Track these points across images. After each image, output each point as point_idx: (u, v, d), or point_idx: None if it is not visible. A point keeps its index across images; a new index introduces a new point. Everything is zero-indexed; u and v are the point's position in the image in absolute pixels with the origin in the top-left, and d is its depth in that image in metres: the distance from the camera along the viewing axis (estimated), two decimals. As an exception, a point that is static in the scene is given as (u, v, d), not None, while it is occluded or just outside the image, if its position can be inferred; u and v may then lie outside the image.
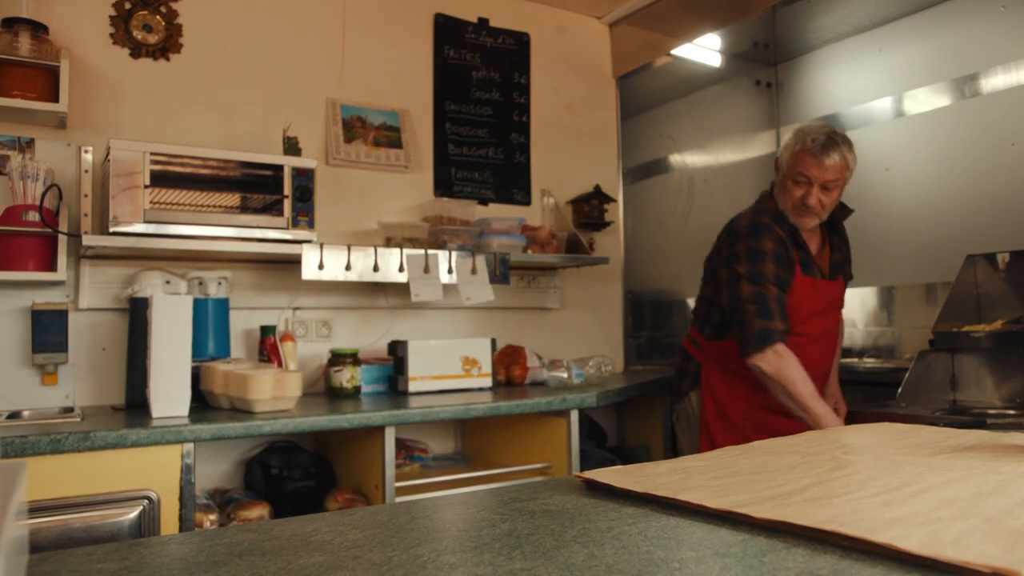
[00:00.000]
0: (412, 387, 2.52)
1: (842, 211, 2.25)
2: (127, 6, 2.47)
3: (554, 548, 0.75)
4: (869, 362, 3.11)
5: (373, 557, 0.74)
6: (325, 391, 2.58)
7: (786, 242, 2.10)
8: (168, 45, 2.53)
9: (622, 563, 0.69)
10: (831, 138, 2.05)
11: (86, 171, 2.33)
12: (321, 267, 2.42)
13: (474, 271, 2.67)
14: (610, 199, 3.35)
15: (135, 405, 2.16)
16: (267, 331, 2.48)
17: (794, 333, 2.06)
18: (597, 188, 3.32)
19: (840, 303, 2.29)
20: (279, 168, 2.36)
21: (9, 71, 2.18)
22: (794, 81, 3.73)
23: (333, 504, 2.19)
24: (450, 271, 2.63)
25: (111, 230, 2.11)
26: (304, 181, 2.39)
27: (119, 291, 2.35)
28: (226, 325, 2.40)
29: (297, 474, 2.31)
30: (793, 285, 2.07)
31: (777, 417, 2.14)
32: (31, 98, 2.18)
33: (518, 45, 3.30)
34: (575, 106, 3.45)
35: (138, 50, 2.48)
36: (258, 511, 2.09)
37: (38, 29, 2.24)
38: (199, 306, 2.21)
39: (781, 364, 1.97)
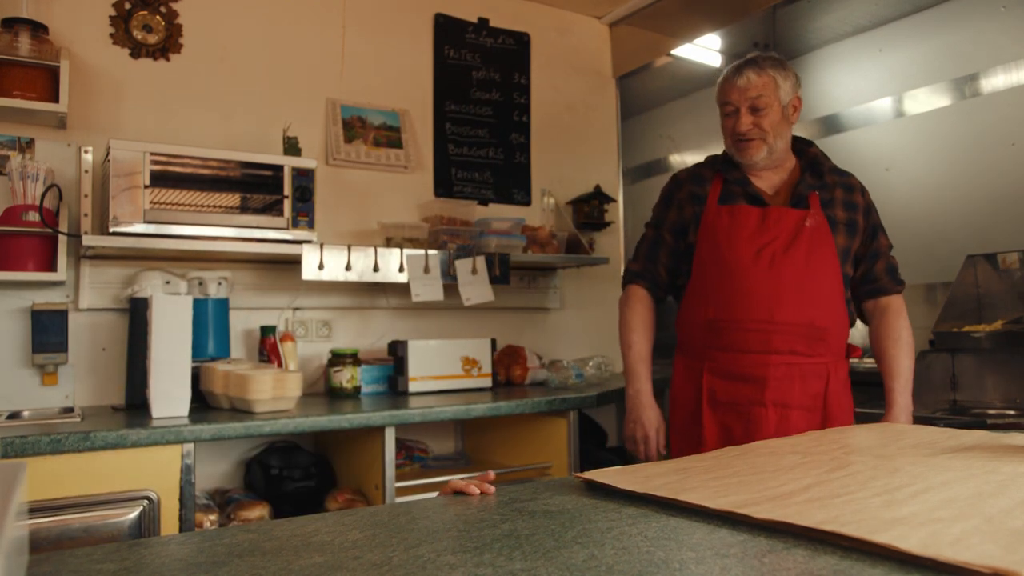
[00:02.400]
0: (412, 387, 2.52)
1: (807, 144, 2.05)
2: (127, 6, 2.47)
3: (554, 548, 0.75)
4: (869, 362, 3.10)
5: (373, 557, 0.74)
6: (325, 391, 2.58)
7: (691, 179, 2.02)
8: (168, 45, 2.53)
9: (622, 564, 0.69)
10: (747, 59, 1.95)
11: (86, 171, 2.33)
12: (321, 267, 2.42)
13: (474, 271, 2.67)
14: (610, 199, 3.35)
15: (135, 405, 2.16)
16: (267, 331, 2.48)
17: (716, 263, 1.91)
18: (597, 188, 3.31)
19: (815, 239, 1.88)
20: (279, 168, 2.36)
21: (9, 71, 2.18)
22: (794, 81, 3.72)
23: (333, 504, 2.19)
24: (450, 271, 2.64)
25: (111, 230, 2.11)
26: (304, 181, 2.39)
27: (119, 291, 2.35)
28: (226, 325, 2.40)
29: (297, 474, 2.31)
30: (705, 218, 1.96)
31: (734, 384, 1.90)
32: (31, 98, 2.18)
33: (518, 45, 3.29)
34: (575, 106, 3.45)
35: (138, 50, 2.48)
36: (258, 511, 2.09)
37: (38, 29, 2.24)
38: (199, 306, 2.20)
39: (624, 303, 2.11)
